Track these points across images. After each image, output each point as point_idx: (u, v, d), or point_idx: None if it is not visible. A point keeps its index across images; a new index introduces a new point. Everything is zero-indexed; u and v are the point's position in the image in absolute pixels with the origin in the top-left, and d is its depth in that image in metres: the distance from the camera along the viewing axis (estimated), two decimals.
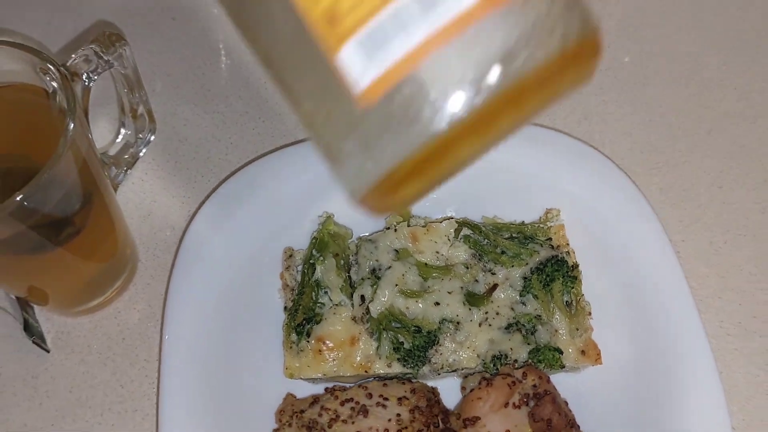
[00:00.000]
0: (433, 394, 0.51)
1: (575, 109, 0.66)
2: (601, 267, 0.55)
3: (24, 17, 0.70)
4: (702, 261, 0.59)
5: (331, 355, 0.51)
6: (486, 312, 0.52)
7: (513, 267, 0.53)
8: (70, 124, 0.42)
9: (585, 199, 0.57)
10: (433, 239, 0.54)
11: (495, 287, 0.52)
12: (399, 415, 0.48)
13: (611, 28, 0.70)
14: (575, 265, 0.53)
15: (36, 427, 0.54)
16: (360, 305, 0.52)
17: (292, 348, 0.51)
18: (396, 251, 0.53)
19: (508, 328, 0.51)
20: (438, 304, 0.51)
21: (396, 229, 0.54)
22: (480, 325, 0.51)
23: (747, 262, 0.59)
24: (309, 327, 0.51)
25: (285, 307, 0.53)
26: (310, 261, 0.53)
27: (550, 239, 0.54)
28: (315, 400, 0.50)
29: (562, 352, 0.51)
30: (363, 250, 0.53)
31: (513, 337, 0.51)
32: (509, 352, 0.51)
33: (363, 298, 0.52)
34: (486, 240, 0.54)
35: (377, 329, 0.51)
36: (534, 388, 0.48)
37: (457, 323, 0.51)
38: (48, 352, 0.56)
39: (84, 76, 0.47)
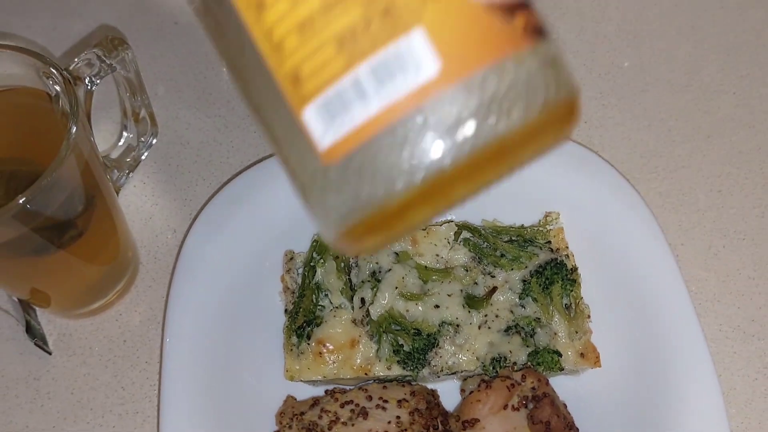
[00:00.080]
0: (432, 397, 0.51)
1: None
2: (601, 270, 0.55)
3: (28, 22, 0.70)
4: (701, 265, 0.60)
5: (331, 358, 0.51)
6: (485, 315, 0.52)
7: (512, 270, 0.53)
8: (72, 127, 0.43)
9: (584, 202, 0.57)
10: (433, 242, 0.54)
11: (494, 290, 0.52)
12: (399, 417, 0.48)
13: (610, 34, 0.70)
14: (574, 269, 0.53)
15: (38, 429, 0.54)
16: (360, 308, 0.52)
17: (292, 350, 0.52)
18: (396, 254, 0.53)
19: (508, 330, 0.51)
20: (438, 307, 0.52)
21: None
22: (479, 328, 0.51)
23: (746, 266, 0.59)
24: (309, 329, 0.52)
25: (286, 310, 0.53)
26: (311, 264, 0.53)
27: (550, 242, 0.54)
28: (315, 402, 0.50)
29: (561, 355, 0.51)
30: None
31: (512, 340, 0.51)
32: (508, 355, 0.51)
33: (363, 301, 0.52)
34: (485, 243, 0.54)
35: (377, 332, 0.51)
36: (533, 390, 0.48)
37: (457, 326, 0.51)
38: (50, 354, 0.56)
39: (87, 80, 0.47)
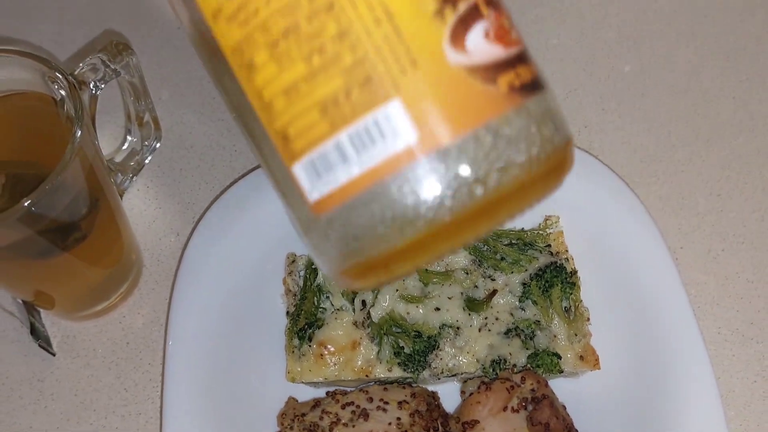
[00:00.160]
0: (433, 398, 0.51)
1: (575, 119, 0.67)
2: (600, 274, 0.55)
3: (33, 27, 0.71)
4: (700, 268, 0.60)
5: (333, 360, 0.52)
6: (485, 317, 0.52)
7: (512, 273, 0.53)
8: (77, 131, 0.43)
9: (584, 206, 0.57)
10: None
11: (494, 293, 0.52)
12: (399, 418, 0.49)
13: (611, 39, 0.71)
14: (574, 272, 0.53)
15: (41, 430, 0.55)
16: (361, 310, 0.52)
17: (294, 352, 0.52)
18: None
19: (508, 333, 0.52)
20: (438, 310, 0.52)
21: None
22: (479, 331, 0.52)
23: (745, 269, 0.60)
24: (311, 332, 0.52)
25: (287, 312, 0.53)
26: (312, 266, 0.54)
27: (549, 246, 0.55)
28: (316, 404, 0.50)
29: (560, 357, 0.51)
30: None
31: (512, 342, 0.52)
32: (508, 357, 0.51)
33: (364, 303, 0.52)
34: (486, 246, 0.54)
35: (378, 334, 0.51)
36: (532, 392, 0.48)
37: (457, 328, 0.52)
38: (54, 355, 0.57)
39: (91, 85, 0.48)
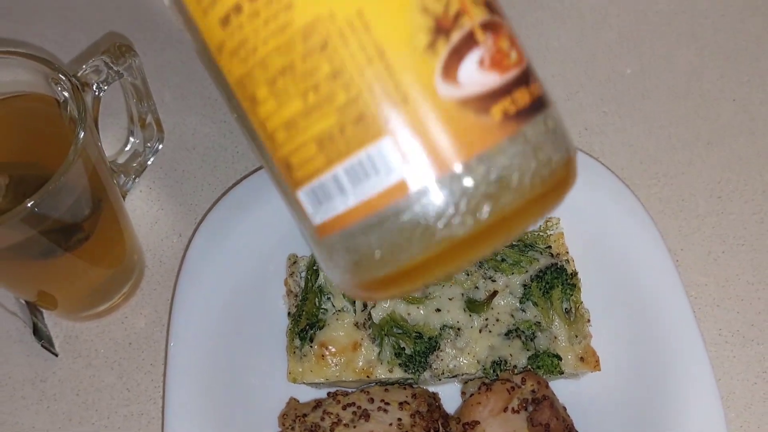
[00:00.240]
0: (433, 399, 0.51)
1: (576, 121, 0.67)
2: (600, 275, 0.55)
3: (37, 30, 0.72)
4: (700, 270, 0.60)
5: (334, 360, 0.52)
6: (486, 318, 0.52)
7: (513, 274, 0.53)
8: (80, 132, 0.44)
9: (585, 208, 0.57)
10: None
11: (495, 294, 0.53)
12: (400, 419, 0.49)
13: (611, 41, 0.71)
14: (574, 273, 0.54)
15: (44, 430, 0.55)
16: (362, 311, 0.52)
17: (295, 353, 0.52)
18: None
19: (508, 334, 0.52)
20: (439, 311, 0.52)
21: None
22: (480, 332, 0.52)
23: (745, 271, 0.60)
24: (312, 332, 0.52)
25: (289, 313, 0.54)
26: (314, 267, 0.54)
27: (550, 247, 0.55)
28: (317, 404, 0.51)
29: (561, 359, 0.51)
30: None
31: (513, 344, 0.52)
32: (509, 358, 0.51)
33: (365, 304, 0.52)
34: None
35: (379, 335, 0.52)
36: (533, 393, 0.48)
37: (458, 329, 0.52)
38: (56, 355, 0.57)
39: (94, 87, 0.48)
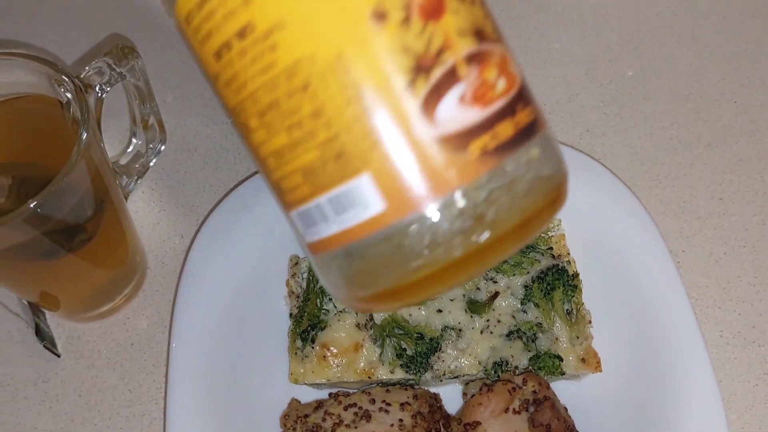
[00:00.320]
0: (435, 400, 0.51)
1: (577, 123, 0.67)
2: (602, 276, 0.56)
3: (40, 32, 0.72)
4: (702, 271, 0.60)
5: (335, 361, 0.52)
6: (487, 320, 0.52)
7: (514, 275, 0.53)
8: (83, 134, 0.44)
9: (586, 209, 0.57)
10: None
11: (496, 295, 0.53)
12: (401, 420, 0.49)
13: (613, 43, 0.71)
14: (576, 274, 0.54)
15: (46, 430, 0.55)
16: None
17: (297, 354, 0.52)
18: None
19: (509, 335, 0.52)
20: (440, 312, 0.52)
21: None
22: (481, 333, 0.52)
23: (746, 273, 0.60)
24: (314, 333, 0.52)
25: (290, 314, 0.54)
26: None
27: (551, 249, 0.55)
28: (319, 405, 0.51)
29: (562, 360, 0.51)
30: None
31: (514, 345, 0.52)
32: (510, 359, 0.51)
33: None
34: None
35: (380, 336, 0.52)
36: (534, 394, 0.48)
37: (459, 330, 0.52)
38: (59, 356, 0.57)
39: (97, 88, 0.48)
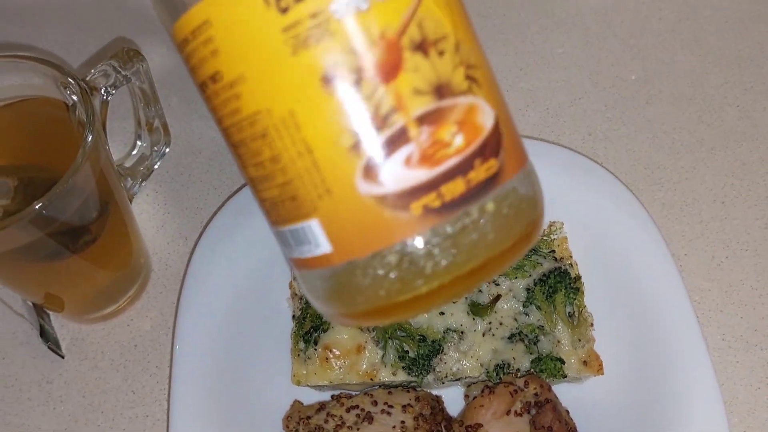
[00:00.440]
0: (437, 402, 0.52)
1: (580, 126, 0.67)
2: (604, 279, 0.56)
3: (47, 35, 0.72)
4: (704, 275, 0.60)
5: (338, 363, 0.52)
6: (489, 322, 0.52)
7: (516, 278, 0.54)
8: (88, 136, 0.44)
9: (588, 212, 0.57)
10: None
11: (498, 298, 0.53)
12: (403, 422, 0.49)
13: (615, 48, 0.71)
14: (578, 277, 0.54)
15: (49, 431, 0.55)
16: None
17: (299, 356, 0.52)
18: None
19: (511, 338, 0.52)
20: (442, 314, 0.52)
21: None
22: (483, 335, 0.52)
23: (749, 276, 0.60)
24: (316, 335, 0.52)
25: (293, 316, 0.54)
26: None
27: (554, 251, 0.55)
28: (321, 407, 0.51)
29: (564, 362, 0.51)
30: None
31: (516, 347, 0.52)
32: (512, 362, 0.52)
33: None
34: None
35: (383, 338, 0.52)
36: (535, 396, 0.48)
37: (461, 333, 0.52)
38: (63, 357, 0.58)
39: (102, 90, 0.49)
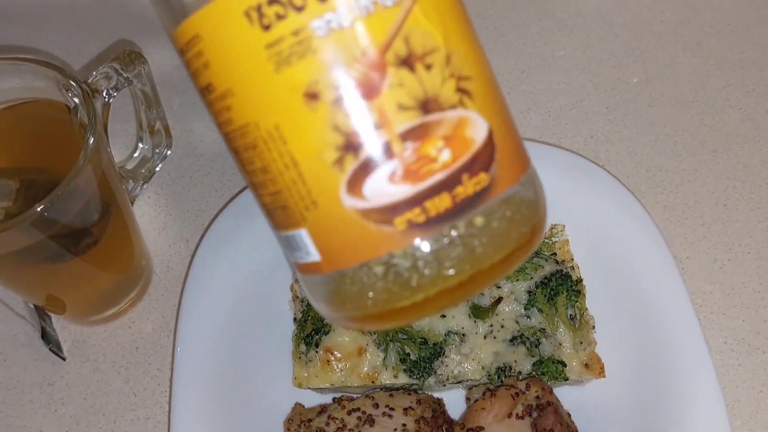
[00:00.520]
0: (438, 405, 0.52)
1: (581, 129, 0.67)
2: (606, 282, 0.55)
3: (48, 37, 0.72)
4: (706, 278, 0.60)
5: (339, 366, 0.52)
6: (491, 325, 0.52)
7: (518, 281, 0.53)
8: (90, 138, 0.44)
9: (590, 215, 0.57)
10: None
11: (500, 300, 0.53)
12: (405, 425, 0.49)
13: (617, 50, 0.71)
14: (579, 280, 0.54)
15: None
16: None
17: (300, 358, 0.52)
18: None
19: (513, 340, 0.52)
20: (444, 317, 0.52)
21: None
22: (485, 338, 0.52)
23: (751, 279, 0.60)
24: (318, 338, 0.52)
25: (295, 318, 0.54)
26: None
27: (555, 254, 0.55)
28: (323, 410, 0.51)
29: (565, 365, 0.51)
30: None
31: (517, 350, 0.52)
32: (513, 365, 0.51)
33: None
34: None
35: (384, 340, 0.52)
36: (537, 399, 0.48)
37: (463, 335, 0.52)
38: (64, 360, 0.58)
39: (104, 93, 0.49)
